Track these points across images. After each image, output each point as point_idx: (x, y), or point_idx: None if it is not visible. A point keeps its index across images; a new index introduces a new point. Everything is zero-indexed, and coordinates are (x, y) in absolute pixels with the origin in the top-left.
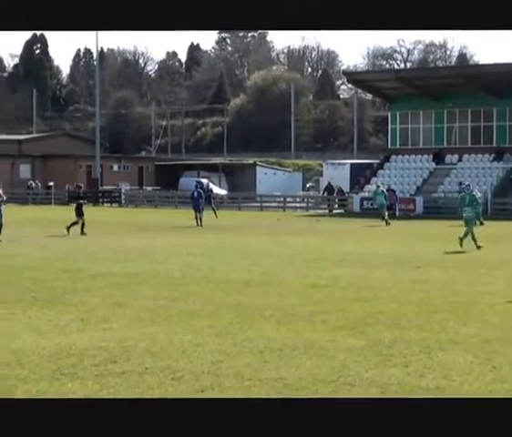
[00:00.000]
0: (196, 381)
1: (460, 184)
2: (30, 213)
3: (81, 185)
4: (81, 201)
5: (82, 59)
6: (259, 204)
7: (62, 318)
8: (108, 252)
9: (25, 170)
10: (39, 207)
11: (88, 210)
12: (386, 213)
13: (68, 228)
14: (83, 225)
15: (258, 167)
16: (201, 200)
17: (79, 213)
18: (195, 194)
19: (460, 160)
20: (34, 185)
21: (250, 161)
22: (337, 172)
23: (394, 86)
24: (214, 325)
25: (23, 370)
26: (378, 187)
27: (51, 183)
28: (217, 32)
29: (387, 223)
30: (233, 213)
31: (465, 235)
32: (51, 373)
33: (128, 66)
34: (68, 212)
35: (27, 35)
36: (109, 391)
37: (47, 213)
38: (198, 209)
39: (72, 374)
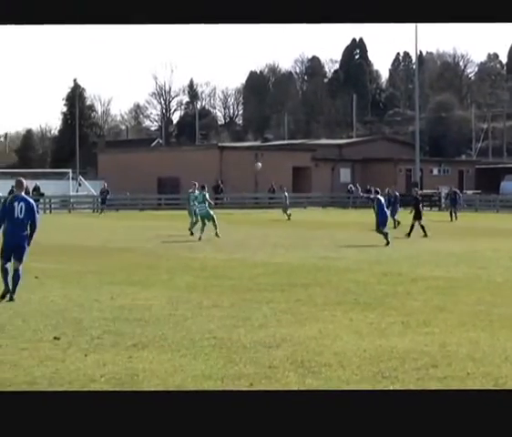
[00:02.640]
0: None
1: None
2: (351, 217)
3: (417, 189)
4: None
5: (401, 63)
6: None
7: (383, 320)
8: (428, 256)
9: (345, 174)
10: (359, 210)
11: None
12: None
13: (424, 231)
14: (422, 227)
15: None
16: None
17: (417, 215)
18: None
19: None
20: (353, 189)
21: None
22: None
23: None
24: None
25: (344, 372)
26: None
27: (371, 187)
28: None
29: None
30: None
31: None
32: (372, 376)
33: (448, 69)
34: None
35: (347, 40)
36: None
37: (368, 217)
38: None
39: (393, 377)
